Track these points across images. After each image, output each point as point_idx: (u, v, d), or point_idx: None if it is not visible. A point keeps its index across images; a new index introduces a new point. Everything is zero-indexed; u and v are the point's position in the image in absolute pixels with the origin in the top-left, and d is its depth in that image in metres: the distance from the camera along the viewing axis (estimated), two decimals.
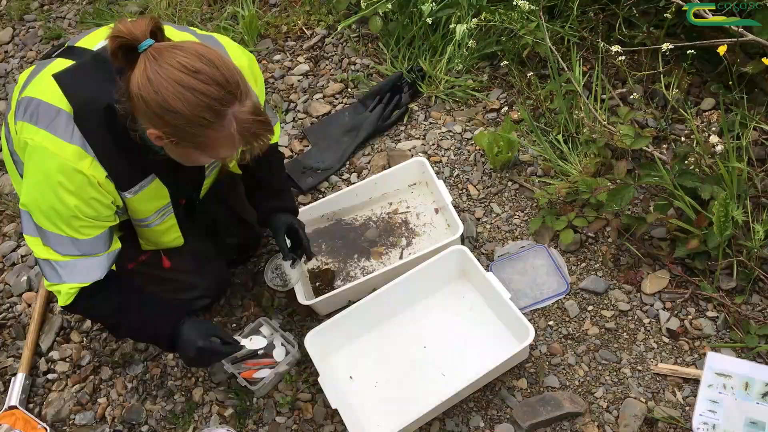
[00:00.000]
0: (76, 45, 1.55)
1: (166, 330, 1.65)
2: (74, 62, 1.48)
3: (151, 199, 1.59)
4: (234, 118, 1.30)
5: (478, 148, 2.38)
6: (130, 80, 1.29)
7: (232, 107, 1.29)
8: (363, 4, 2.69)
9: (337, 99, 2.67)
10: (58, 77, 1.44)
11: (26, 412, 1.92)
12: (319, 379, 1.78)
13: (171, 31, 1.50)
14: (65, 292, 1.55)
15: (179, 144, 1.35)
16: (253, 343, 1.81)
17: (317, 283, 2.10)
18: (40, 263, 1.56)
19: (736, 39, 2.01)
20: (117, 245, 1.61)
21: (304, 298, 1.93)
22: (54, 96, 1.43)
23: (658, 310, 1.91)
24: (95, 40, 1.54)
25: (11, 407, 1.92)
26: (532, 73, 2.43)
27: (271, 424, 1.85)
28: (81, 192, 1.44)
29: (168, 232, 1.74)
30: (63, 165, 1.41)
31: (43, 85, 1.47)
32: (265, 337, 1.89)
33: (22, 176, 1.53)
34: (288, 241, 1.89)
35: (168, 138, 1.33)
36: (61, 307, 1.60)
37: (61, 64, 1.48)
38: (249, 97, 1.33)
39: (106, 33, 1.30)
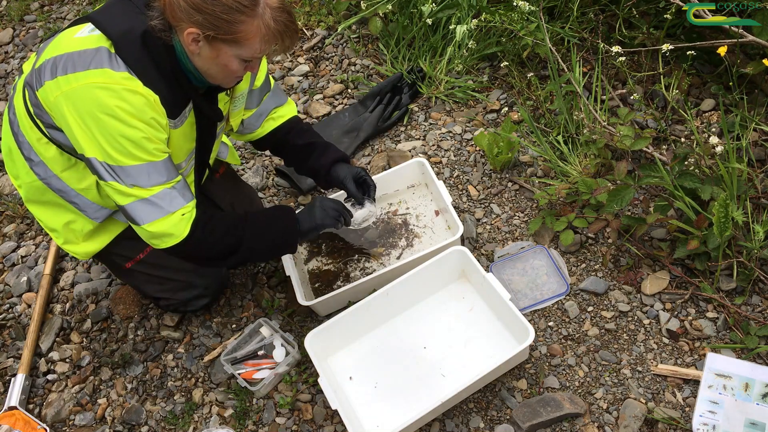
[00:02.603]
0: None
1: (292, 222, 1.76)
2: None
3: (185, 137, 1.62)
4: (267, 6, 1.42)
5: (478, 148, 2.38)
6: None
7: None
8: (363, 5, 2.69)
9: (337, 100, 2.68)
10: (92, 18, 1.48)
11: (26, 412, 1.92)
12: (319, 380, 1.77)
13: None
14: (177, 221, 1.55)
15: (215, 40, 1.42)
16: (356, 210, 1.94)
17: (317, 284, 2.09)
18: (133, 209, 1.53)
19: (736, 40, 2.01)
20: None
21: (303, 298, 1.93)
22: (85, 43, 1.46)
23: (658, 310, 1.91)
24: None
25: (11, 408, 1.92)
26: (532, 73, 2.44)
27: (271, 425, 1.85)
28: (141, 113, 1.45)
29: None
30: (118, 90, 1.43)
31: (64, 44, 1.49)
32: (370, 208, 1.96)
33: (65, 132, 1.52)
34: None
35: (204, 32, 1.40)
36: (176, 244, 1.57)
37: (72, 32, 1.50)
38: None
39: None
